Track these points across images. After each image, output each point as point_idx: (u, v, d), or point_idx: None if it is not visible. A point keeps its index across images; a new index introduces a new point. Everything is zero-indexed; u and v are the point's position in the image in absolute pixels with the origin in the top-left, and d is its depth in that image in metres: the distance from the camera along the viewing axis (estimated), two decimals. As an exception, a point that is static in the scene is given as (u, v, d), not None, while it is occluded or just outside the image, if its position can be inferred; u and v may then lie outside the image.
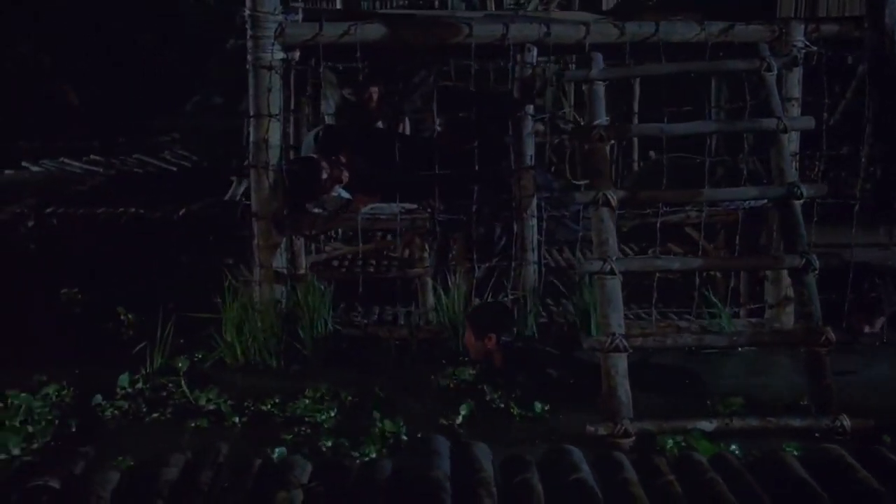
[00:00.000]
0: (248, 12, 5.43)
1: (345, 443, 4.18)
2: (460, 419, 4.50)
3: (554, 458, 3.76)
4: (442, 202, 5.60)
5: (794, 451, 3.95)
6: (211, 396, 4.70)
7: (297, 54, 5.75)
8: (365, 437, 4.22)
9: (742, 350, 5.38)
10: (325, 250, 7.32)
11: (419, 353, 5.45)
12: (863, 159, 5.90)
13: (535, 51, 5.61)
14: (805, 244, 4.83)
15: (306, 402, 4.66)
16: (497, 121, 5.85)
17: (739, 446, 4.08)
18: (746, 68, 5.41)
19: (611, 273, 4.68)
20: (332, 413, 4.54)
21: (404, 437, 4.28)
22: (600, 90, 5.30)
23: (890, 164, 5.74)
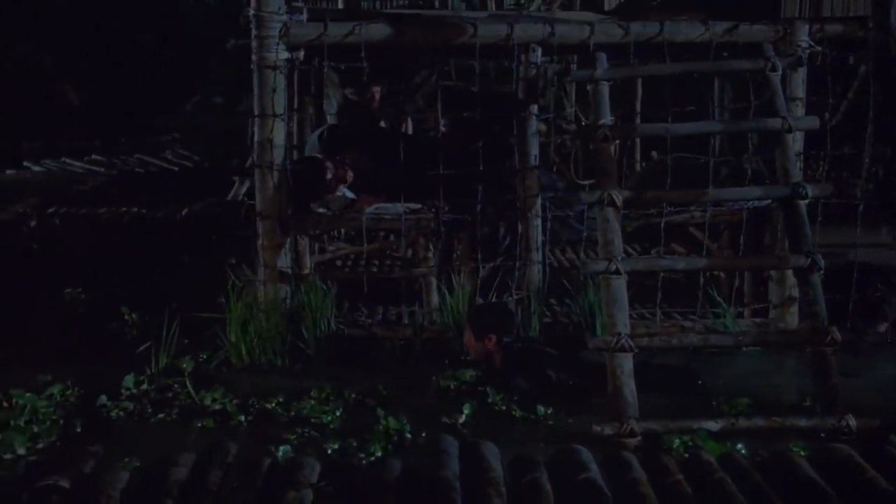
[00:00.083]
0: (252, 12, 5.42)
1: (352, 442, 4.18)
2: (463, 418, 4.50)
3: (562, 457, 3.76)
4: (446, 202, 5.59)
5: (800, 451, 3.94)
6: (216, 396, 4.69)
7: (301, 54, 5.75)
8: (369, 436, 4.21)
9: (747, 350, 5.38)
10: (329, 250, 7.31)
11: (423, 353, 5.45)
12: (865, 159, 5.90)
13: (540, 51, 5.61)
14: (810, 244, 4.83)
15: (312, 402, 4.65)
16: (501, 121, 5.86)
17: (745, 446, 4.07)
18: (751, 68, 5.39)
19: (616, 273, 4.68)
20: (338, 413, 4.54)
21: (408, 436, 4.28)
22: (605, 90, 5.30)
23: (892, 164, 5.74)
